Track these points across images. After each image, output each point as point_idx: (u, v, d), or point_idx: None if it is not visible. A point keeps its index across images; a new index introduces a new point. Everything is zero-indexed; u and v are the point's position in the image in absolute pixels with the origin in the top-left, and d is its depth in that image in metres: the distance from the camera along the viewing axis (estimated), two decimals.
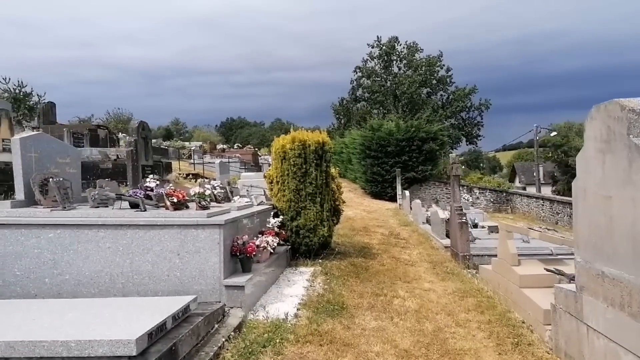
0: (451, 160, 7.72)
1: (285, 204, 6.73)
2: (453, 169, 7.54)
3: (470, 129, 42.84)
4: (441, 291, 5.78)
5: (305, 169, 6.66)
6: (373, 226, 12.06)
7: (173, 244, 4.29)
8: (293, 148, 6.63)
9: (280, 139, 6.88)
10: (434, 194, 22.82)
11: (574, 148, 45.62)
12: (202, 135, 59.82)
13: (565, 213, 16.41)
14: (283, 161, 6.76)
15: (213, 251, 4.27)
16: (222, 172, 11.72)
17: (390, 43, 42.48)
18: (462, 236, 7.39)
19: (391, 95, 41.83)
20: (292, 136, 6.70)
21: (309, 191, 6.66)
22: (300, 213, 6.68)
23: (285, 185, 6.75)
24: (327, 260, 6.82)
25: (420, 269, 7.07)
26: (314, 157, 6.69)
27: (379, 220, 13.80)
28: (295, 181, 6.65)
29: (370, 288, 5.66)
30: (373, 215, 15.33)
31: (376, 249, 8.56)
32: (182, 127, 79.06)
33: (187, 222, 4.30)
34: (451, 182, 7.83)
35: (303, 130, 6.87)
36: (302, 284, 5.50)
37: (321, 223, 6.78)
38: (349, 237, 9.71)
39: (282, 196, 6.78)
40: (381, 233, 10.77)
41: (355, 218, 13.94)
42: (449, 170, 7.81)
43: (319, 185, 6.73)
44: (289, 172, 6.68)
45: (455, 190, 7.65)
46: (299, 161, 6.61)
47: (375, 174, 21.62)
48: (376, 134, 21.98)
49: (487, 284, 5.98)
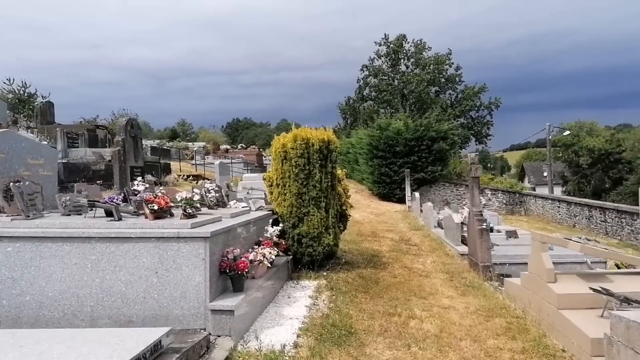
0: (470, 160, 7.00)
1: (286, 209, 6.06)
2: (472, 170, 6.82)
3: (479, 128, 41.86)
4: (463, 309, 5.08)
5: (308, 170, 5.98)
6: (382, 231, 11.35)
7: (150, 260, 3.63)
8: (295, 147, 5.95)
9: (280, 137, 6.21)
10: (444, 195, 22.04)
11: (585, 148, 44.61)
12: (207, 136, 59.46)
13: (583, 216, 15.57)
14: (284, 162, 6.09)
15: (197, 268, 3.60)
16: (222, 174, 11.09)
17: (398, 41, 41.61)
18: (482, 244, 6.67)
19: (399, 94, 40.99)
20: (293, 134, 6.03)
21: (313, 195, 5.98)
22: (302, 219, 6.01)
23: (286, 189, 6.08)
24: (332, 272, 6.14)
25: (437, 281, 6.36)
26: (318, 157, 6.01)
27: (388, 224, 13.09)
28: (297, 184, 5.97)
29: (382, 306, 4.96)
30: (381, 218, 14.62)
31: (386, 257, 7.86)
32: (188, 128, 78.95)
33: (167, 233, 3.64)
34: (470, 184, 7.10)
35: (306, 128, 6.19)
36: (304, 302, 4.82)
37: (326, 230, 6.10)
38: (356, 243, 9.01)
39: (283, 201, 6.11)
40: (391, 239, 10.06)
41: (363, 222, 13.24)
42: (467, 172, 7.10)
43: (323, 189, 6.04)
44: (290, 173, 6.01)
45: (475, 193, 6.93)
46: (302, 162, 5.94)
47: (383, 174, 20.89)
48: (384, 134, 21.25)
49: (515, 300, 5.27)
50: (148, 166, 14.19)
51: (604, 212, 14.22)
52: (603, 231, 14.23)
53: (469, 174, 7.08)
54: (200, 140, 43.74)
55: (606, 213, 14.09)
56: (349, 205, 6.92)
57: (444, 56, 41.32)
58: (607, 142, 44.98)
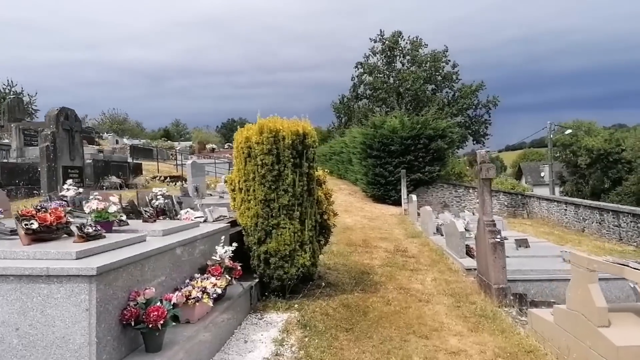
0: (479, 158, 5.74)
1: (250, 220, 4.77)
2: (483, 171, 5.56)
3: (477, 127, 40.74)
4: (477, 355, 3.82)
5: (278, 170, 4.70)
6: (375, 239, 10.09)
7: (7, 309, 2.35)
8: (261, 141, 4.67)
9: (244, 129, 4.92)
10: (442, 197, 20.82)
11: (583, 148, 43.68)
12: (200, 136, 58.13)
13: (593, 219, 14.38)
14: (247, 160, 4.80)
15: (78, 324, 2.32)
16: (194, 175, 9.79)
17: (393, 38, 40.40)
18: (496, 262, 5.42)
19: (394, 92, 39.77)
20: (259, 125, 4.75)
21: (284, 202, 4.70)
22: (270, 233, 4.72)
23: (250, 194, 4.79)
24: (309, 300, 4.85)
25: (440, 309, 5.09)
26: (291, 155, 4.73)
27: (382, 229, 11.84)
28: (263, 188, 4.69)
29: (370, 353, 3.69)
30: (375, 223, 13.36)
31: (379, 274, 6.59)
32: (183, 129, 77.47)
33: (32, 269, 2.35)
34: (479, 187, 5.83)
35: (275, 117, 4.90)
36: (264, 351, 3.54)
37: (301, 247, 4.82)
38: (344, 256, 7.74)
39: (247, 209, 4.83)
40: (384, 249, 8.80)
41: (354, 227, 11.98)
42: (477, 172, 5.85)
43: (297, 194, 4.76)
44: (255, 175, 4.72)
45: (486, 199, 5.67)
46: (269, 160, 4.65)
47: (378, 175, 19.62)
48: (379, 132, 19.96)
49: (544, 341, 4.02)
50: (114, 166, 12.88)
51: (617, 216, 13.04)
52: (616, 237, 13.04)
53: (478, 174, 5.82)
54: (193, 141, 42.30)
55: (620, 217, 12.91)
56: (332, 214, 5.64)
57: (440, 53, 40.17)
58: (606, 141, 44.17)
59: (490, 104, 40.34)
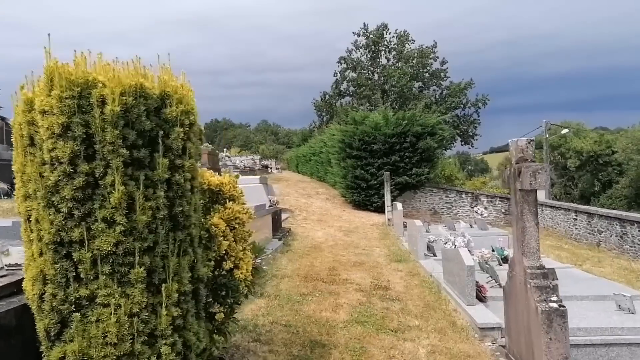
0: (516, 153, 3.17)
1: (32, 286, 2.11)
2: (524, 175, 3.00)
3: (466, 127, 38.61)
4: None
5: (89, 174, 2.05)
6: (347, 265, 7.49)
7: None
8: (50, 107, 2.02)
9: (26, 83, 2.25)
10: (431, 203, 18.35)
11: (572, 150, 42.12)
12: None
13: (612, 232, 12.06)
14: (28, 151, 2.15)
15: None
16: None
17: (378, 31, 38.00)
18: (551, 346, 2.86)
19: (379, 90, 37.38)
20: (48, 71, 2.08)
21: (105, 247, 2.05)
22: (70, 319, 2.06)
23: (33, 229, 2.14)
24: None
25: None
26: (122, 138, 2.09)
27: (359, 249, 9.25)
28: (56, 216, 2.04)
29: None
30: (351, 238, 10.77)
31: (341, 345, 3.97)
32: None
33: None
34: (515, 204, 3.23)
35: (106, 63, 2.25)
36: None
37: (152, 345, 2.17)
38: (294, 303, 5.11)
39: (29, 263, 2.17)
40: (358, 285, 6.19)
41: (324, 245, 9.37)
42: (507, 178, 3.30)
43: (140, 227, 2.12)
44: (39, 185, 2.07)
45: (528, 226, 3.10)
46: (68, 149, 2.01)
47: (358, 178, 17.05)
48: (359, 129, 17.38)
49: None
50: (2, 167, 10.12)
51: None
52: None
53: (511, 181, 3.25)
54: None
55: None
56: (245, 258, 2.98)
57: (428, 49, 37.94)
58: (596, 143, 42.88)
59: (480, 102, 38.28)
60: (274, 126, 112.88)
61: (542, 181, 2.97)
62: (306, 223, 12.95)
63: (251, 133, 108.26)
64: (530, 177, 2.98)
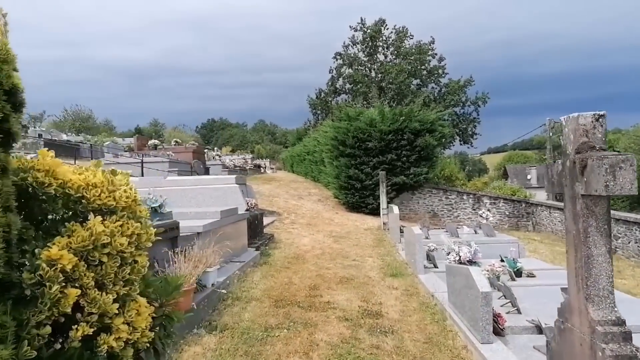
0: (574, 140, 2.00)
1: None
2: (591, 174, 1.85)
3: (465, 126, 37.45)
4: None
5: None
6: (332, 281, 6.27)
7: None
8: None
9: None
10: (430, 205, 17.16)
11: None
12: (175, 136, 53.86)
13: (631, 237, 10.89)
14: None
15: None
16: None
17: (376, 26, 36.79)
18: None
19: (376, 87, 36.16)
20: None
21: None
22: None
23: None
24: None
25: None
26: None
27: (349, 259, 8.02)
28: None
29: None
30: (341, 245, 9.55)
31: None
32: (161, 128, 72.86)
33: None
34: (575, 218, 2.05)
35: None
36: None
37: None
38: (254, 341, 3.87)
39: None
40: (343, 311, 4.96)
41: (308, 256, 8.15)
42: (559, 177, 2.11)
43: None
44: None
45: (596, 254, 1.95)
46: None
47: (352, 178, 15.83)
48: (353, 125, 16.17)
49: None
50: None
51: None
52: None
53: (566, 183, 2.06)
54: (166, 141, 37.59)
55: None
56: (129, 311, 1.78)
57: (426, 45, 36.77)
58: None
59: (480, 100, 37.14)
60: (271, 126, 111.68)
61: (625, 182, 1.78)
62: (293, 228, 11.73)
63: (248, 133, 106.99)
64: (606, 175, 1.79)
